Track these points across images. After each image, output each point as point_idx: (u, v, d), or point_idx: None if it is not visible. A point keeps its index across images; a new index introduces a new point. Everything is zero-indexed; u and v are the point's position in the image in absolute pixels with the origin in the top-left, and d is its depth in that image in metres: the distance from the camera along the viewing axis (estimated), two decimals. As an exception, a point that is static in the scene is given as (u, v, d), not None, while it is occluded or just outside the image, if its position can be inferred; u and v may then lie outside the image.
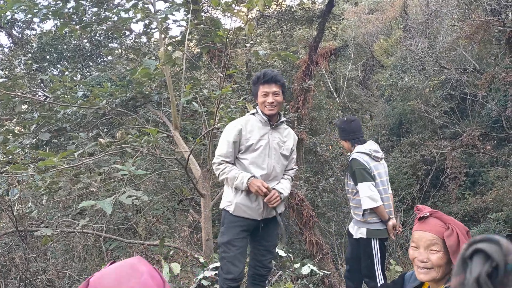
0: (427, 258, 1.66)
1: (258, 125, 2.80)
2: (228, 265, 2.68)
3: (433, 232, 1.67)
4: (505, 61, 10.55)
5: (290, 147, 2.90)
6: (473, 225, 9.63)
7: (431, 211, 1.73)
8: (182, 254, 4.59)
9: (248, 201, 2.70)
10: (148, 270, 1.16)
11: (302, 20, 12.03)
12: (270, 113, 2.77)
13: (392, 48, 17.21)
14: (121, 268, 1.15)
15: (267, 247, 2.85)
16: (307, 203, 9.70)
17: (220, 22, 4.79)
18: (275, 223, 2.84)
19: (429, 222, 1.70)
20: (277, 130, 2.86)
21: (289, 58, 4.42)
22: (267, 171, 2.74)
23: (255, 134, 2.75)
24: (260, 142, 2.75)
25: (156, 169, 7.30)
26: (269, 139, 2.78)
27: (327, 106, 13.10)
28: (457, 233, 1.63)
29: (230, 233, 2.72)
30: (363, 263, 3.26)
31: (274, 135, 2.82)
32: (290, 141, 2.92)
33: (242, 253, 2.73)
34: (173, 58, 3.44)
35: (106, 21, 4.53)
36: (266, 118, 2.79)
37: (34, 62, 10.57)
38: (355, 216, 3.30)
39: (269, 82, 2.76)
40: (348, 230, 3.45)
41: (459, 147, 10.78)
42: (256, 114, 2.85)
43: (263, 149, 2.75)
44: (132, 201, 2.96)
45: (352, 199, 3.32)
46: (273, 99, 2.75)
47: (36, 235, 3.29)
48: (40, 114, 4.62)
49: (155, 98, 5.06)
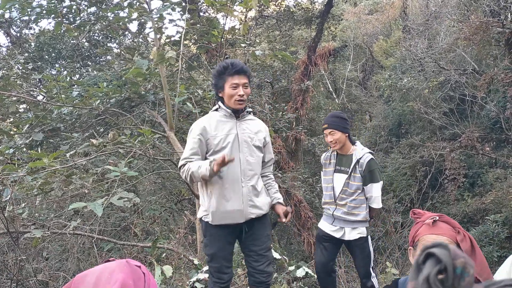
0: None
1: (223, 120, 2.56)
2: (217, 274, 2.62)
3: (447, 236, 1.61)
4: (504, 62, 10.52)
5: (263, 137, 2.67)
6: (472, 226, 9.59)
7: (438, 215, 1.68)
8: (176, 256, 4.55)
9: (224, 204, 2.49)
10: (122, 279, 1.17)
11: (301, 20, 12.00)
12: (239, 107, 2.53)
13: (392, 49, 17.18)
14: (103, 271, 1.19)
15: (258, 252, 2.64)
16: (305, 204, 9.67)
17: (217, 22, 4.76)
18: (260, 224, 2.65)
19: (441, 226, 1.65)
20: (244, 121, 2.61)
21: (288, 59, 4.38)
22: (242, 167, 2.52)
23: (221, 130, 2.52)
24: (228, 137, 2.51)
25: (153, 170, 7.27)
26: (237, 132, 2.54)
27: (326, 107, 13.07)
28: (469, 236, 1.60)
29: (214, 246, 2.57)
30: (361, 262, 3.20)
31: (242, 127, 2.58)
32: (262, 132, 2.67)
33: (228, 261, 2.63)
34: (166, 57, 3.40)
35: (100, 20, 4.49)
36: (230, 111, 2.54)
37: (32, 62, 10.54)
38: (352, 217, 3.14)
39: (239, 73, 2.50)
40: (327, 234, 3.24)
41: (458, 148, 10.75)
42: (219, 109, 2.59)
43: (233, 144, 2.51)
44: (124, 202, 2.92)
45: (353, 199, 3.14)
46: (244, 92, 2.51)
47: (26, 237, 3.25)
48: (34, 113, 4.58)
49: (151, 98, 5.02)
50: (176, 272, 4.16)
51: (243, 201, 2.51)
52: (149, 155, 3.97)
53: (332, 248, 3.28)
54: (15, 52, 10.72)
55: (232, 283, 4.01)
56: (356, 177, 3.13)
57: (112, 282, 1.14)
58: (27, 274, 4.39)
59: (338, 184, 3.21)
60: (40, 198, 4.29)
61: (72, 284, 1.20)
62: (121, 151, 3.64)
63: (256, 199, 2.58)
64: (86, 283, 1.17)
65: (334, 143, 3.15)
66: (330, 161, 3.29)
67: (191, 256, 4.40)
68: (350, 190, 3.15)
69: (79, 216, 4.80)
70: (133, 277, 1.20)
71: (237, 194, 2.50)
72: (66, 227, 3.88)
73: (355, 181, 3.13)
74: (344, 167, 3.21)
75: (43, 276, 4.62)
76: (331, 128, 3.16)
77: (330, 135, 3.15)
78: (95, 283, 1.16)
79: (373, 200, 3.15)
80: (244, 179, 2.53)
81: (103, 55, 11.03)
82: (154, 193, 8.35)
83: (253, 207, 2.56)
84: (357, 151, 3.20)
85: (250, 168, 2.55)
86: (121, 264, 1.23)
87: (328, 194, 3.25)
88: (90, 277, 1.18)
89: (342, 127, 3.18)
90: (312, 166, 11.85)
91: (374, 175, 3.13)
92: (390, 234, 8.06)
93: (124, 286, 1.14)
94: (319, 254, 3.29)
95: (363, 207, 3.16)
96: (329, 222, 3.25)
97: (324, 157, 3.38)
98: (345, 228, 3.18)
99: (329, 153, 3.34)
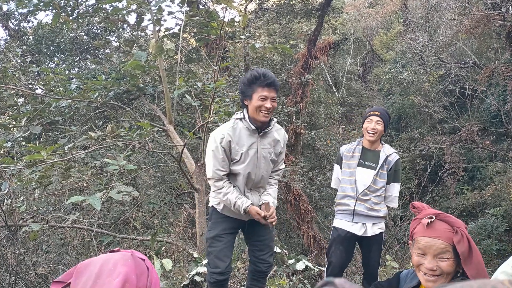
0: (436, 266, 1.55)
1: (246, 133, 2.56)
2: (215, 260, 2.64)
3: (443, 239, 1.55)
4: (505, 55, 10.48)
5: (279, 150, 2.73)
6: (471, 220, 9.61)
7: (435, 213, 1.61)
8: (176, 249, 4.55)
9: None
10: (126, 272, 1.15)
11: (301, 13, 11.91)
12: (264, 120, 2.53)
13: (392, 42, 17.11)
14: (106, 263, 1.17)
15: (263, 241, 2.77)
16: (305, 198, 9.67)
17: (216, 14, 4.72)
18: None
19: (437, 227, 1.57)
20: (266, 136, 2.65)
21: (287, 52, 4.34)
22: (255, 180, 2.64)
23: (243, 145, 2.55)
24: (249, 152, 2.56)
25: (153, 163, 7.25)
26: (257, 148, 2.59)
27: (326, 101, 13.02)
28: (467, 237, 1.54)
29: (217, 228, 2.67)
30: (376, 258, 3.19)
31: (263, 143, 2.62)
32: (280, 142, 2.71)
33: (229, 247, 2.68)
34: (165, 49, 3.36)
35: (98, 12, 4.44)
36: (253, 127, 2.54)
37: (30, 55, 10.48)
38: (374, 212, 3.10)
39: (269, 86, 2.48)
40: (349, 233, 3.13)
41: (458, 142, 10.73)
42: (243, 120, 2.58)
43: (251, 159, 2.57)
44: (123, 196, 2.90)
45: (377, 196, 3.09)
46: (271, 105, 2.50)
47: (24, 230, 3.24)
48: (32, 106, 4.55)
49: (150, 91, 4.98)
50: (175, 266, 4.16)
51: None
52: (148, 148, 3.95)
53: (351, 248, 3.22)
54: (13, 45, 10.65)
55: (232, 276, 4.00)
56: (383, 174, 3.10)
57: (114, 275, 1.12)
58: (26, 268, 4.39)
59: (362, 178, 3.13)
60: (39, 191, 4.27)
61: (74, 272, 1.18)
62: (119, 144, 3.61)
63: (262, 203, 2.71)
64: (88, 273, 1.15)
65: (374, 133, 3.08)
66: (354, 154, 3.19)
67: (190, 250, 4.40)
68: (376, 187, 3.10)
69: (78, 209, 4.78)
70: (136, 272, 1.18)
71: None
72: (65, 220, 3.87)
73: (381, 178, 3.10)
74: (370, 162, 3.14)
75: (42, 269, 4.62)
76: (380, 118, 3.10)
77: (376, 123, 3.08)
78: (97, 274, 1.14)
79: (392, 199, 3.16)
80: (254, 189, 2.69)
81: (101, 47, 10.95)
82: (153, 186, 8.33)
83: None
84: (385, 148, 3.18)
85: (262, 183, 2.71)
86: (125, 256, 1.21)
87: (350, 187, 3.15)
88: (93, 267, 1.16)
89: (387, 123, 3.16)
90: (312, 160, 11.83)
91: (398, 175, 3.16)
92: (390, 227, 8.07)
93: (127, 281, 1.12)
94: (339, 256, 3.15)
95: (383, 203, 3.15)
96: (348, 219, 3.15)
97: (346, 149, 3.26)
98: (367, 224, 3.11)
99: (353, 146, 3.24)
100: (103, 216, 6.21)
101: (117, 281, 1.10)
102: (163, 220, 7.41)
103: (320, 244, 9.22)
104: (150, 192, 7.91)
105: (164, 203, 7.98)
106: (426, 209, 1.69)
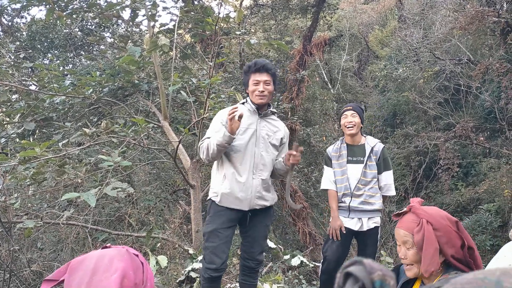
0: (405, 255, 1.66)
1: (247, 114, 2.73)
2: (211, 256, 2.64)
3: (404, 229, 1.67)
4: (499, 52, 10.52)
5: (280, 137, 2.83)
6: (465, 215, 9.68)
7: (411, 206, 1.70)
8: (171, 245, 4.55)
9: (235, 189, 2.63)
10: (123, 268, 1.13)
11: (296, 9, 11.88)
12: (260, 102, 2.72)
13: (387, 38, 17.12)
14: (101, 259, 1.15)
15: (256, 238, 2.79)
16: (300, 194, 9.69)
17: (211, 9, 4.69)
18: (263, 214, 2.79)
19: (404, 219, 1.70)
20: (266, 120, 2.80)
21: (282, 48, 4.34)
22: (256, 160, 2.68)
23: (243, 123, 2.65)
24: (247, 130, 2.70)
25: (148, 160, 7.22)
26: (256, 128, 2.73)
27: (321, 97, 13.01)
28: (425, 228, 1.59)
29: (215, 223, 2.67)
30: (371, 252, 3.20)
31: (262, 124, 2.77)
32: (280, 132, 2.85)
33: (226, 243, 2.67)
34: (159, 45, 3.35)
35: (92, 7, 4.40)
36: (254, 107, 2.75)
37: (24, 51, 10.38)
38: (368, 206, 3.13)
39: (260, 70, 2.72)
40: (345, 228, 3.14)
41: (453, 138, 10.78)
42: (245, 103, 2.81)
43: (250, 138, 2.69)
44: (118, 193, 2.89)
45: (370, 188, 3.14)
46: (264, 88, 2.71)
47: (18, 227, 3.22)
48: (26, 103, 4.52)
49: (144, 88, 4.96)
50: (171, 262, 4.16)
51: (252, 191, 2.66)
52: (144, 145, 3.93)
53: (348, 243, 3.25)
54: (7, 41, 10.55)
55: (227, 272, 4.01)
56: (371, 165, 3.15)
57: (112, 271, 1.10)
58: (21, 265, 4.37)
59: (354, 174, 3.18)
60: (33, 188, 4.24)
61: (68, 269, 1.16)
62: (114, 141, 3.59)
63: (264, 192, 2.72)
64: (83, 269, 1.12)
65: (353, 125, 3.16)
66: (341, 153, 3.24)
67: (186, 246, 4.40)
68: (366, 179, 3.15)
69: (73, 206, 4.76)
70: (133, 267, 1.17)
71: (247, 184, 2.65)
72: (60, 217, 3.85)
73: (371, 170, 3.15)
74: (358, 157, 3.20)
75: (37, 266, 4.59)
76: (354, 111, 3.21)
77: (352, 117, 3.18)
78: (93, 270, 1.11)
79: (388, 188, 3.20)
80: (256, 172, 2.68)
81: (96, 43, 10.87)
82: (149, 183, 8.31)
83: (260, 198, 2.70)
84: (369, 140, 3.24)
85: (263, 163, 2.71)
86: (121, 252, 1.20)
87: (343, 186, 3.19)
88: (88, 264, 1.13)
89: (362, 115, 3.25)
90: (307, 156, 11.84)
91: (387, 162, 3.21)
92: (385, 223, 8.11)
93: (124, 276, 1.11)
94: (335, 251, 3.18)
95: (378, 196, 3.18)
96: (344, 215, 3.20)
97: (333, 150, 3.32)
98: (362, 218, 3.15)
99: (338, 146, 3.29)
100: (98, 212, 6.19)
101: (115, 277, 1.09)
102: (158, 217, 7.40)
103: (316, 240, 9.26)
104: (146, 188, 7.89)
105: (159, 199, 7.96)
106: (416, 204, 1.73)
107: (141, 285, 1.18)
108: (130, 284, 1.12)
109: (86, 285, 1.09)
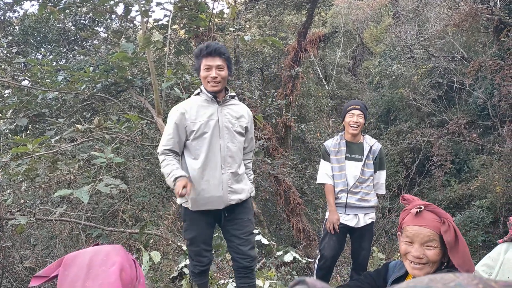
0: (423, 254, 1.60)
1: (203, 105, 2.52)
2: (197, 257, 2.65)
3: (430, 228, 1.60)
4: (492, 49, 10.58)
5: (245, 123, 2.62)
6: (457, 211, 9.76)
7: (424, 204, 1.66)
8: (164, 242, 4.55)
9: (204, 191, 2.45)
10: (120, 262, 1.15)
11: (291, 5, 11.86)
12: (213, 90, 2.48)
13: (382, 35, 17.15)
14: (96, 254, 1.18)
15: (240, 236, 2.60)
16: (295, 190, 9.71)
17: (205, 5, 4.67)
18: (241, 208, 2.61)
19: (425, 217, 1.63)
20: (227, 107, 2.57)
21: (277, 44, 4.34)
22: (222, 154, 2.49)
23: (202, 115, 2.48)
24: (209, 123, 2.48)
25: (142, 156, 7.21)
26: (218, 118, 2.50)
27: (316, 93, 13.04)
28: (454, 227, 1.59)
29: (194, 230, 2.57)
30: (367, 247, 3.27)
31: (224, 113, 2.54)
32: (244, 118, 2.62)
33: (207, 243, 2.64)
34: (152, 41, 3.33)
35: (85, 2, 4.37)
36: (211, 96, 2.51)
37: (17, 45, 10.28)
38: (365, 203, 3.18)
39: (212, 54, 2.45)
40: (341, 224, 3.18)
41: (446, 135, 10.85)
42: (200, 93, 2.56)
43: (213, 130, 2.48)
44: (111, 189, 2.88)
45: (367, 186, 3.19)
46: (217, 74, 2.46)
47: (11, 223, 3.21)
48: (19, 98, 4.48)
49: (138, 84, 4.94)
50: (164, 258, 4.16)
51: (223, 188, 2.49)
52: (137, 141, 3.92)
53: (343, 239, 3.30)
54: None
55: (220, 268, 4.03)
56: (369, 164, 3.20)
57: (109, 265, 1.12)
58: (14, 261, 4.35)
59: (352, 172, 3.21)
60: (26, 184, 4.22)
61: (62, 264, 1.17)
62: (107, 137, 3.58)
63: (237, 185, 2.56)
64: (78, 264, 1.14)
65: (357, 126, 3.18)
66: (340, 149, 3.25)
67: (179, 242, 4.40)
68: (364, 177, 3.19)
69: (66, 202, 4.75)
70: (129, 262, 1.20)
71: (217, 181, 2.48)
72: (52, 213, 3.84)
73: (369, 168, 3.20)
74: (356, 155, 3.23)
75: (30, 262, 4.58)
76: (361, 111, 3.21)
77: (358, 117, 3.19)
78: (88, 265, 1.13)
79: (380, 186, 3.28)
80: (225, 166, 2.50)
81: (89, 38, 10.79)
82: (142, 179, 8.30)
83: (233, 193, 2.54)
84: (367, 139, 3.28)
85: (230, 155, 2.52)
86: (116, 248, 1.22)
87: (341, 182, 3.21)
88: (82, 259, 1.15)
89: (367, 115, 3.29)
90: (302, 153, 11.88)
91: (383, 162, 3.28)
92: (378, 219, 8.16)
93: (122, 269, 1.13)
94: (333, 247, 3.21)
95: (373, 193, 3.24)
96: (341, 212, 3.22)
97: (332, 145, 3.31)
98: (359, 214, 3.21)
99: (337, 141, 3.29)
100: (92, 209, 6.17)
101: (114, 269, 1.11)
102: (152, 213, 7.40)
103: (310, 236, 9.29)
104: (139, 185, 7.88)
105: (153, 196, 7.95)
106: (415, 200, 1.74)
107: (135, 280, 1.20)
108: (127, 278, 1.14)
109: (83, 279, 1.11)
